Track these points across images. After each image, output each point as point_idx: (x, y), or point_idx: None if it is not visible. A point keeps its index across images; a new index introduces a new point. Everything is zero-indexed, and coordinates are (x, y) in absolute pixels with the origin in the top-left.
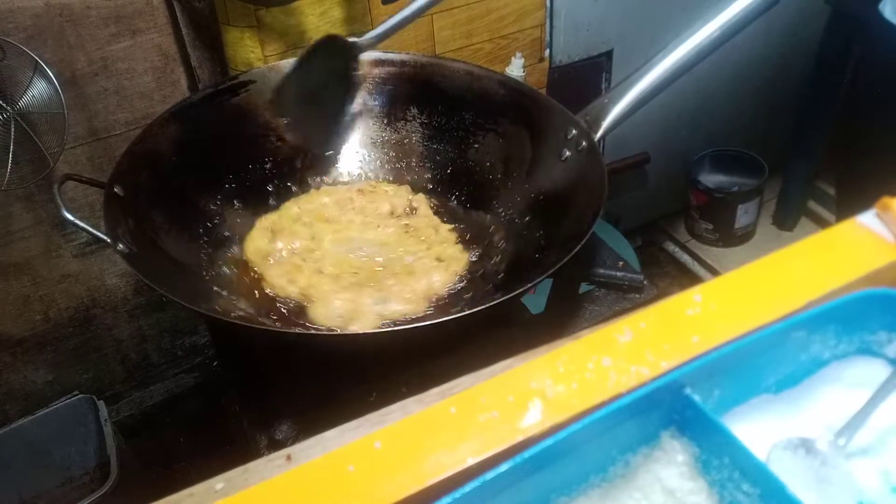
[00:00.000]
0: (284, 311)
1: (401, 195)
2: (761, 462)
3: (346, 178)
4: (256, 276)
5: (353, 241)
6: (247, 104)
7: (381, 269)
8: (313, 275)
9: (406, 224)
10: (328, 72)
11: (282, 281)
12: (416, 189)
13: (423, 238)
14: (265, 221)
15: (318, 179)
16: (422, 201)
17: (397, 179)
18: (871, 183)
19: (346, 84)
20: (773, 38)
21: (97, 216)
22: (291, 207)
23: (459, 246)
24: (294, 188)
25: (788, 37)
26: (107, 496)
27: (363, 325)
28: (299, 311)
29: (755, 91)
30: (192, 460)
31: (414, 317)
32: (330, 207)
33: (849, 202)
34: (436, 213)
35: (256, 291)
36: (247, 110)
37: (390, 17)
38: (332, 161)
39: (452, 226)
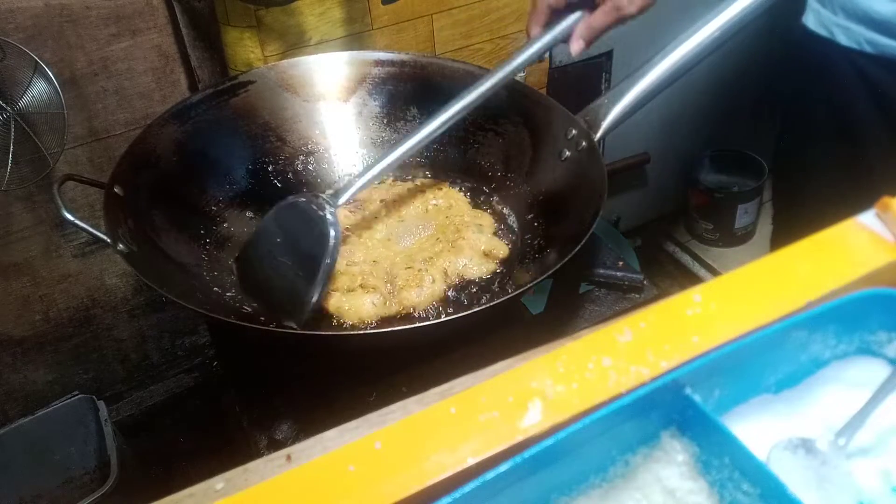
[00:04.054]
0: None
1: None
2: (761, 462)
3: (346, 177)
4: (337, 321)
5: (401, 236)
6: (247, 104)
7: (440, 244)
8: (390, 281)
9: (435, 205)
10: None
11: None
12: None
13: (448, 212)
14: None
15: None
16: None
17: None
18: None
19: None
20: (773, 38)
21: (97, 216)
22: None
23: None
24: (295, 188)
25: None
26: (107, 496)
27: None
28: (400, 318)
29: (755, 91)
30: (192, 460)
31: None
32: (357, 223)
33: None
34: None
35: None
36: (247, 110)
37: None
38: (332, 162)
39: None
